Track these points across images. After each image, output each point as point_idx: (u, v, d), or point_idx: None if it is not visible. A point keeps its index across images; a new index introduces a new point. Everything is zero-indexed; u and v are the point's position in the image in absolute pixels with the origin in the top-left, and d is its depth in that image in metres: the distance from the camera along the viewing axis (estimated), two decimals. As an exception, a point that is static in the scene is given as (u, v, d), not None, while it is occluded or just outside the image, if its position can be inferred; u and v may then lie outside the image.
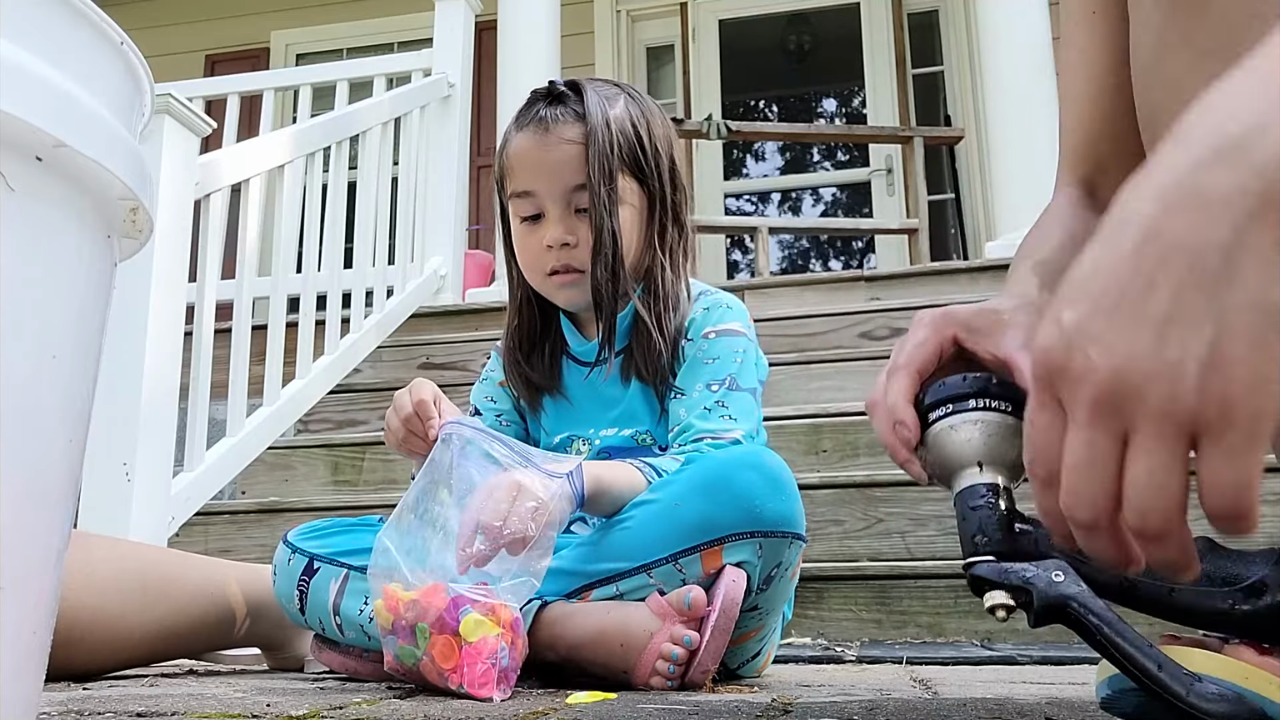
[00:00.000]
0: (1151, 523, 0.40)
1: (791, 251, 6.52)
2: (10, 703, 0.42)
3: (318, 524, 1.14)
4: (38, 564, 0.44)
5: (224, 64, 5.37)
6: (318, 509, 2.14)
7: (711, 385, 1.14)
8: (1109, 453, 0.41)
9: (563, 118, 1.16)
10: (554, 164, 1.15)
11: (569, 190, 1.15)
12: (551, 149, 1.15)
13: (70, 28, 0.43)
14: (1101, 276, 0.41)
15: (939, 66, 5.34)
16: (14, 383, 0.41)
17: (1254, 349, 0.37)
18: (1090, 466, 0.41)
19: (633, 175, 1.17)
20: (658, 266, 1.19)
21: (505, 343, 1.27)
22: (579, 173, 1.14)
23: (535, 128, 1.17)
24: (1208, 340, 0.37)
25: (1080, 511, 0.42)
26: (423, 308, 3.30)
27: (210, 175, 2.06)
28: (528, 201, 1.17)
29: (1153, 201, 0.40)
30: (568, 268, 1.16)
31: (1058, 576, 0.56)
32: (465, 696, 0.84)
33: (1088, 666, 1.31)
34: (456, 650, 0.85)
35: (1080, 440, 0.41)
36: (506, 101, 3.71)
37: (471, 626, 0.86)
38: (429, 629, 0.87)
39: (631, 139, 1.17)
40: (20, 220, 0.41)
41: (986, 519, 0.58)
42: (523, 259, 1.20)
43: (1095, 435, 0.41)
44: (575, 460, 1.00)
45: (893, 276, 3.30)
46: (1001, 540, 0.57)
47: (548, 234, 1.16)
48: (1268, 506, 1.82)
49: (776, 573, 1.02)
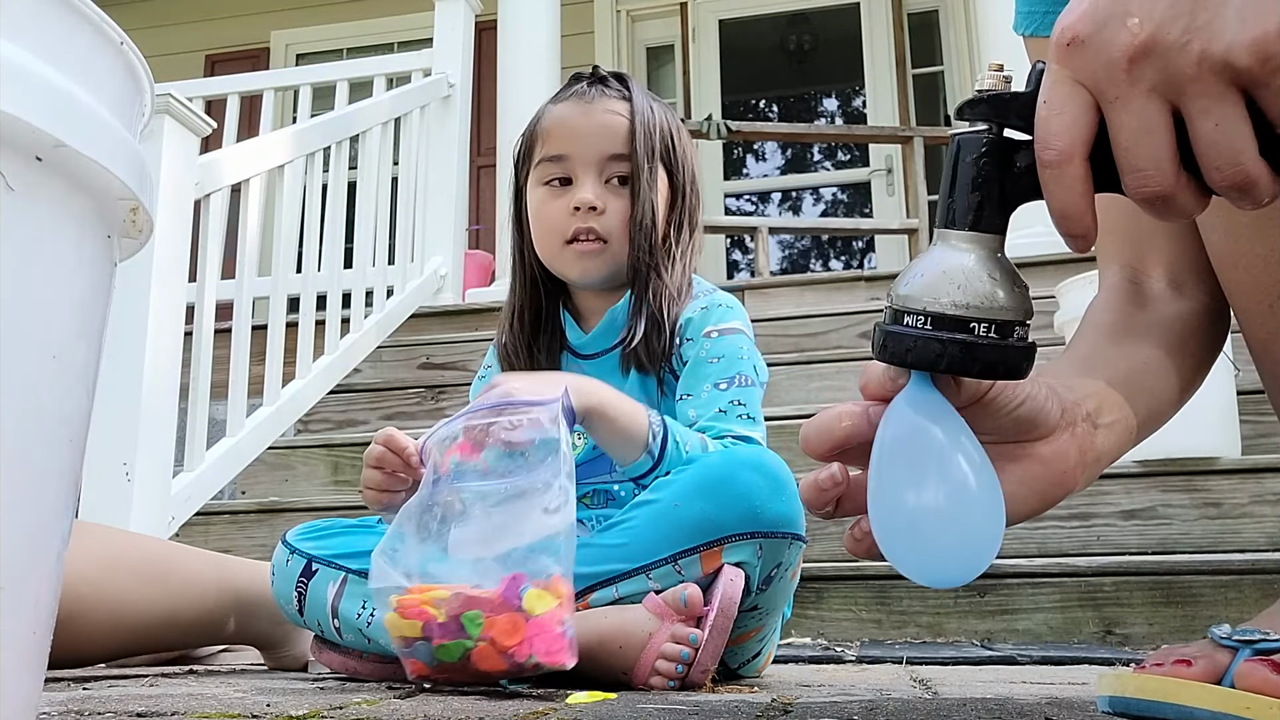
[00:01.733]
0: (1239, 184, 0.42)
1: (791, 251, 6.52)
2: (10, 703, 0.42)
3: (316, 524, 1.14)
4: (38, 564, 0.44)
5: (224, 64, 5.37)
6: (318, 509, 2.14)
7: (720, 384, 1.14)
8: (1164, 120, 0.42)
9: (607, 94, 1.21)
10: (594, 129, 1.18)
11: (604, 158, 1.18)
12: (594, 115, 1.19)
13: (70, 28, 0.43)
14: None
15: (939, 66, 5.34)
16: (14, 383, 0.41)
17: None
18: (1149, 134, 0.42)
19: (664, 166, 1.21)
20: (669, 255, 1.20)
21: (505, 334, 1.26)
22: (617, 143, 1.18)
23: (577, 98, 1.21)
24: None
25: (1152, 183, 0.43)
26: (423, 308, 3.30)
27: (210, 175, 2.06)
28: (558, 165, 1.19)
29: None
30: (592, 233, 1.17)
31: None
32: (528, 676, 0.83)
33: (1088, 666, 1.31)
34: (522, 624, 0.85)
35: (1132, 111, 0.42)
36: (506, 101, 3.71)
37: (534, 599, 0.85)
38: (481, 614, 0.86)
39: (667, 133, 1.22)
40: (20, 220, 0.41)
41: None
42: (543, 225, 1.20)
43: (1147, 104, 0.42)
44: (560, 382, 0.99)
45: (893, 276, 3.29)
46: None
47: (576, 196, 1.17)
48: (1268, 506, 1.82)
49: (776, 573, 1.02)
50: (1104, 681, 0.65)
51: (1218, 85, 0.41)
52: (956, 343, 0.50)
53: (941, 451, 0.54)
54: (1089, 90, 0.44)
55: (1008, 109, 0.49)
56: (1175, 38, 0.41)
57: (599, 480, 1.17)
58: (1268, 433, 2.04)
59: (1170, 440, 1.81)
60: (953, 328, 0.50)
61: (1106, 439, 0.61)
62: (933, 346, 0.50)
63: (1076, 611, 1.67)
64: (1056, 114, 0.45)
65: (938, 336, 0.50)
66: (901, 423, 0.54)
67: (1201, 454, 1.85)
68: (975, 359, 0.50)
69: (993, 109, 0.50)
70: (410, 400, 2.85)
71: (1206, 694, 0.57)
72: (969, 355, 0.50)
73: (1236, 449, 1.89)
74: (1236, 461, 1.86)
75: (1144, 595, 1.66)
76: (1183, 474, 1.85)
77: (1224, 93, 0.41)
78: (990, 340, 0.50)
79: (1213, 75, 0.40)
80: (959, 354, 0.50)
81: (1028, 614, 1.68)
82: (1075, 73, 0.44)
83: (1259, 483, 1.83)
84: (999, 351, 0.50)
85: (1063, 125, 0.44)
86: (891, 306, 0.53)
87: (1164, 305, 0.74)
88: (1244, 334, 0.74)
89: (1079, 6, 0.44)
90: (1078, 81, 0.44)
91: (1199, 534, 1.83)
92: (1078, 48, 0.43)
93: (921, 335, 0.51)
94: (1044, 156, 0.45)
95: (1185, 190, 0.44)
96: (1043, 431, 0.58)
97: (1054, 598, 1.68)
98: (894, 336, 0.52)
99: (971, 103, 0.50)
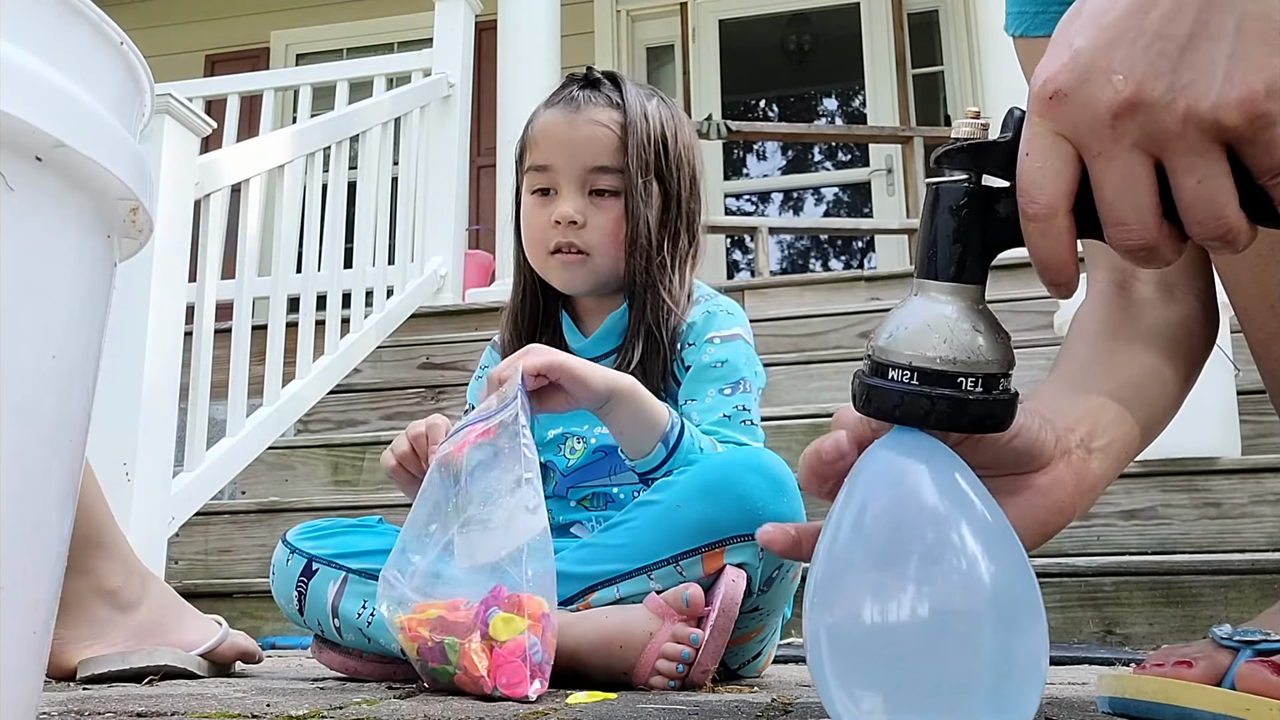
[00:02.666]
0: (1220, 235, 0.42)
1: (792, 251, 6.52)
2: (10, 703, 0.42)
3: (317, 524, 1.14)
4: (38, 564, 0.44)
5: (224, 64, 5.37)
6: (318, 509, 2.14)
7: (725, 390, 1.14)
8: (1147, 174, 0.42)
9: (596, 101, 1.18)
10: (578, 141, 1.16)
11: (586, 170, 1.16)
12: (579, 127, 1.17)
13: (70, 28, 0.43)
14: (1122, 3, 0.42)
15: (939, 66, 5.34)
16: (14, 383, 0.41)
17: (1272, 56, 0.40)
18: (1133, 189, 0.42)
19: (655, 175, 1.18)
20: (664, 269, 1.18)
21: (506, 333, 1.26)
22: (601, 155, 1.16)
23: (566, 105, 1.19)
24: (1228, 53, 0.40)
25: (1134, 236, 0.43)
26: (423, 308, 3.30)
27: (210, 175, 2.05)
28: (542, 175, 1.18)
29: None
30: (572, 247, 1.16)
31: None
32: (502, 699, 0.83)
33: (1088, 667, 1.31)
34: (487, 654, 0.84)
35: (1116, 167, 0.42)
36: (507, 101, 3.71)
37: (500, 626, 0.85)
38: (458, 642, 0.86)
39: (662, 137, 1.19)
40: (20, 220, 0.41)
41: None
42: (529, 234, 1.20)
43: (1131, 159, 0.42)
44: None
45: (893, 276, 3.30)
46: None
47: (556, 209, 1.16)
48: (1268, 506, 1.82)
49: (778, 574, 1.02)
50: (1104, 682, 0.65)
51: (1203, 142, 0.41)
52: (945, 398, 0.49)
53: (939, 515, 0.47)
54: (1072, 143, 0.44)
55: (987, 159, 0.49)
56: (1160, 95, 0.41)
57: (598, 483, 1.17)
58: (1268, 433, 2.04)
59: (1170, 440, 1.80)
60: (940, 383, 0.49)
61: (1102, 463, 0.60)
62: (921, 402, 0.49)
63: (1076, 611, 1.67)
64: (1040, 167, 0.44)
65: (925, 392, 0.49)
66: (884, 468, 0.50)
67: (1201, 454, 1.85)
68: (964, 414, 0.49)
69: (973, 159, 0.49)
70: (410, 400, 2.85)
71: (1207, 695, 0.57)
72: (958, 410, 0.49)
73: (1236, 449, 1.89)
74: (1236, 461, 1.86)
75: (1144, 595, 1.66)
76: (1183, 474, 1.85)
77: (1208, 149, 0.41)
78: (978, 394, 0.49)
79: (1198, 133, 0.41)
80: (948, 409, 0.49)
81: (1028, 614, 1.68)
82: (1058, 125, 0.44)
83: (1259, 483, 1.83)
84: (986, 406, 0.49)
85: (1046, 179, 0.44)
86: (872, 358, 0.51)
87: (1155, 310, 0.73)
88: (1245, 334, 0.74)
89: (1059, 56, 0.44)
90: (1060, 134, 0.44)
91: (1199, 534, 1.83)
92: (1061, 101, 0.43)
93: (908, 390, 0.49)
94: (1028, 210, 0.45)
95: (1166, 240, 0.44)
96: (1040, 463, 0.56)
97: (1054, 598, 1.68)
98: (879, 391, 0.50)
99: (950, 153, 0.49)
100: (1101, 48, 0.42)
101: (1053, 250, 0.45)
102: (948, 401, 0.49)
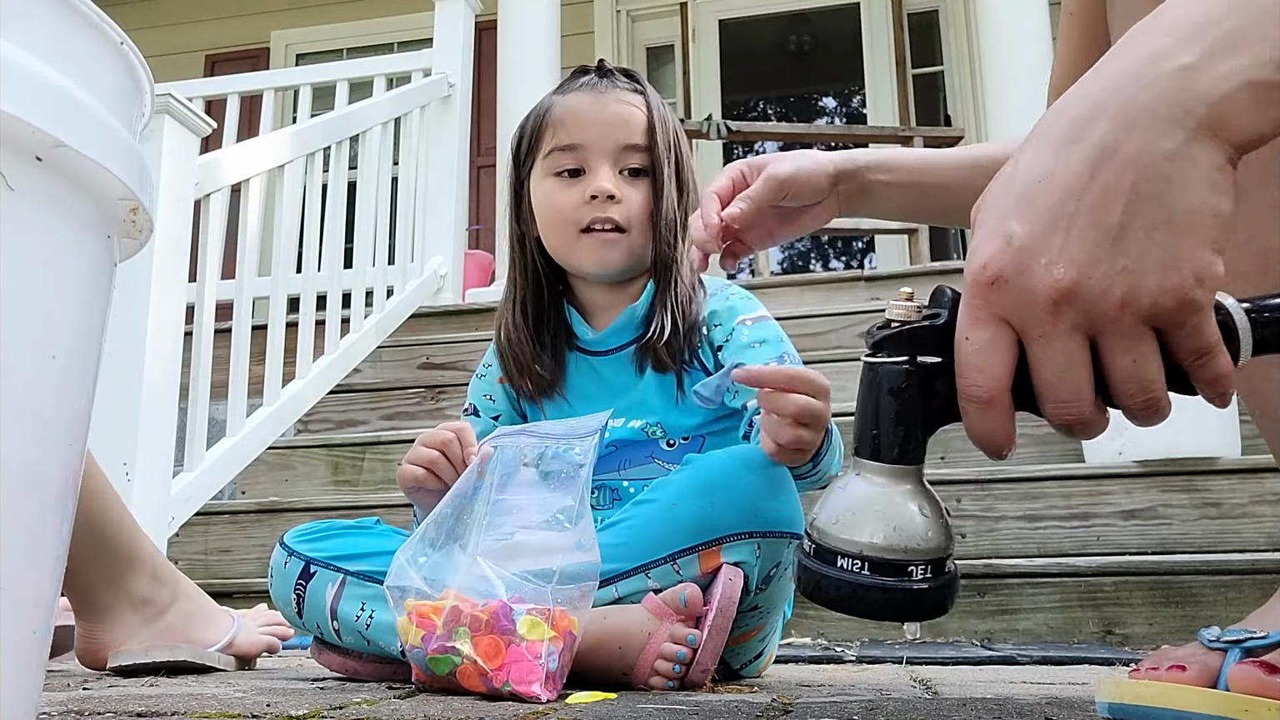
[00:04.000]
0: (1148, 407, 0.45)
1: (791, 251, 6.53)
2: (10, 703, 0.42)
3: (314, 526, 1.13)
4: (38, 564, 0.44)
5: (224, 64, 5.37)
6: (318, 509, 2.15)
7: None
8: (1084, 356, 0.44)
9: (619, 84, 1.21)
10: (609, 118, 1.18)
11: (619, 148, 1.17)
12: (608, 105, 1.18)
13: (70, 28, 0.43)
14: (1056, 191, 0.44)
15: (939, 66, 5.34)
16: (14, 383, 0.41)
17: (1199, 248, 0.42)
18: (1071, 370, 0.44)
19: (676, 162, 1.21)
20: (679, 255, 1.19)
21: (508, 327, 1.22)
22: (633, 134, 1.18)
23: (588, 88, 1.20)
24: (1160, 242, 0.42)
25: (1072, 412, 0.45)
26: (423, 308, 3.30)
27: (210, 175, 2.06)
28: (570, 155, 1.18)
29: (1107, 121, 0.44)
30: (610, 223, 1.16)
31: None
32: (513, 697, 0.83)
33: (1088, 667, 1.31)
34: (503, 648, 0.84)
35: (1055, 349, 0.44)
36: (507, 102, 3.71)
37: (527, 625, 0.85)
38: (469, 631, 0.85)
39: (678, 130, 1.22)
40: (20, 220, 0.41)
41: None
42: (555, 215, 1.18)
43: (1070, 345, 0.44)
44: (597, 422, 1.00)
45: (893, 276, 3.30)
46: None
47: (592, 184, 1.16)
48: (1268, 506, 1.82)
49: (776, 573, 1.02)
50: (1103, 687, 0.65)
51: (1138, 327, 0.43)
52: (900, 590, 0.49)
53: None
54: (1011, 326, 0.45)
55: (925, 342, 0.49)
56: (1098, 282, 0.42)
57: (608, 477, 1.17)
58: (1268, 433, 2.04)
59: (1170, 440, 1.81)
60: (891, 573, 0.49)
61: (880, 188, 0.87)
62: (875, 595, 0.49)
63: (1076, 611, 1.67)
64: (979, 350, 0.45)
65: (881, 585, 0.49)
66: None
67: (1201, 454, 1.85)
68: (920, 603, 0.49)
69: (912, 344, 0.49)
70: (410, 400, 2.85)
71: (1205, 699, 0.57)
72: (914, 601, 0.49)
73: (1236, 449, 1.89)
74: (1236, 461, 1.86)
75: (1144, 595, 1.66)
76: (1183, 474, 1.85)
77: (1143, 333, 0.43)
78: (928, 580, 0.49)
79: (1134, 318, 0.42)
80: (904, 600, 0.49)
81: (1028, 614, 1.68)
82: (997, 309, 0.44)
83: (1259, 483, 1.83)
84: (940, 591, 0.50)
85: (987, 363, 0.45)
86: (818, 543, 0.51)
87: None
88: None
89: (994, 242, 0.45)
90: (1000, 317, 0.45)
91: (1199, 534, 1.83)
92: (1001, 288, 0.44)
93: (862, 583, 0.49)
94: (970, 393, 0.46)
95: (1097, 414, 0.45)
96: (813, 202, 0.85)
97: (1054, 598, 1.68)
98: (831, 581, 0.50)
99: (890, 338, 0.49)
100: (1039, 234, 0.43)
101: (993, 429, 0.46)
102: (904, 594, 0.49)
